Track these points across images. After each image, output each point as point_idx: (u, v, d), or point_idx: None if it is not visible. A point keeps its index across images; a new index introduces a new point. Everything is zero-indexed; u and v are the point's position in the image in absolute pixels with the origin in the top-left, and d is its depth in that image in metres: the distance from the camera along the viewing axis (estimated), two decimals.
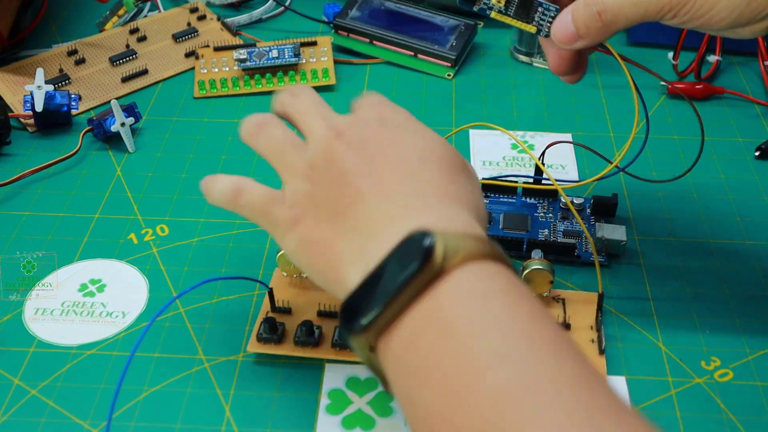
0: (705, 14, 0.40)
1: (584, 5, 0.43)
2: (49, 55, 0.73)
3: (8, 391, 0.47)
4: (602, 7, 0.42)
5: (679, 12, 0.41)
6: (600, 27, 0.43)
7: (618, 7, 0.42)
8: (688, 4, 0.40)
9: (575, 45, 0.44)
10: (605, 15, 0.42)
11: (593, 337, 0.48)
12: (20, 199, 0.61)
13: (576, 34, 0.44)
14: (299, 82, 0.72)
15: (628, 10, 0.42)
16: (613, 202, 0.57)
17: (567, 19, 0.44)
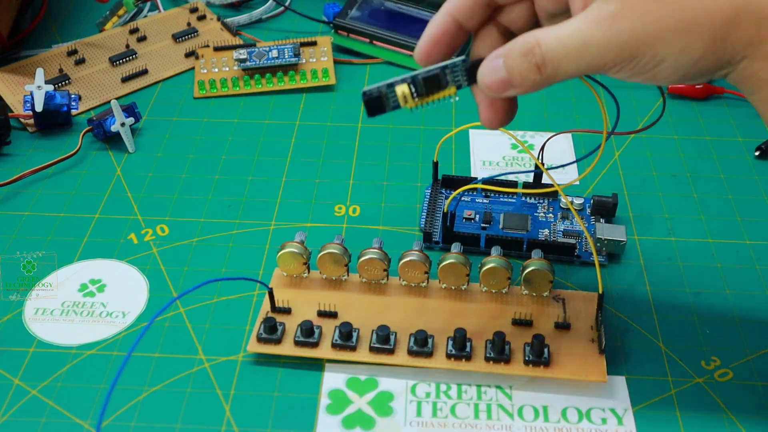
0: (650, 71, 0.38)
1: (520, 54, 0.38)
2: (49, 55, 0.73)
3: (8, 391, 0.47)
4: (542, 59, 0.38)
5: (623, 68, 0.38)
6: (537, 80, 0.39)
7: (558, 61, 0.38)
8: (633, 62, 0.37)
9: (506, 93, 0.40)
10: (545, 69, 0.38)
11: (593, 337, 0.48)
12: (20, 199, 0.61)
13: (508, 82, 0.39)
14: (299, 82, 0.72)
15: (569, 64, 0.38)
16: (613, 202, 0.57)
17: (498, 65, 0.39)
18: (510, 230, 0.56)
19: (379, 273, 0.51)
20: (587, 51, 0.37)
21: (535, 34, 0.38)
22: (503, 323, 0.49)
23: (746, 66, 0.38)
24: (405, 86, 0.40)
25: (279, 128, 0.68)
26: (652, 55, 0.37)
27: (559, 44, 0.38)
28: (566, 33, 0.38)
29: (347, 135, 0.67)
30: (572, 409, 0.46)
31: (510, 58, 0.39)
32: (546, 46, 0.38)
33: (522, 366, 0.47)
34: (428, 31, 0.42)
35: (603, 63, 0.37)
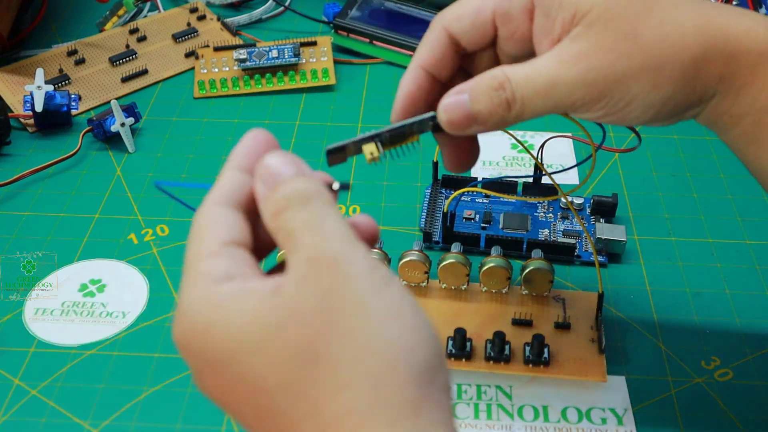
0: (620, 110, 0.37)
1: (490, 88, 0.37)
2: (49, 55, 0.73)
3: (8, 392, 0.47)
4: (512, 95, 0.36)
5: (593, 107, 0.37)
6: (505, 117, 0.37)
7: (528, 98, 0.36)
8: (603, 101, 0.36)
9: (469, 130, 0.38)
10: (514, 105, 0.37)
11: (593, 336, 0.48)
12: (20, 200, 0.61)
13: (473, 117, 0.37)
14: (299, 82, 0.72)
15: (537, 102, 0.36)
16: (613, 202, 0.57)
17: (463, 100, 0.37)
18: (510, 230, 0.56)
19: None
20: (556, 89, 0.36)
21: (504, 70, 0.37)
22: (503, 323, 0.49)
23: (717, 103, 0.38)
24: (372, 146, 0.39)
25: (279, 128, 0.68)
26: (621, 94, 0.36)
27: (528, 81, 0.36)
28: (535, 71, 0.37)
29: (347, 135, 0.67)
30: (572, 409, 0.46)
31: (477, 92, 0.37)
32: (516, 82, 0.37)
33: (522, 366, 0.47)
34: (402, 89, 0.40)
35: (572, 101, 0.36)
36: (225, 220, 0.31)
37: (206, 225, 0.31)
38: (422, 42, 0.40)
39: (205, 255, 0.30)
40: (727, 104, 0.38)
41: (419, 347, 0.27)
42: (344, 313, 0.27)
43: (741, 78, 0.37)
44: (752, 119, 0.38)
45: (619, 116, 0.37)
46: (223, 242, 0.30)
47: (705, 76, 0.37)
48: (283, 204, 0.30)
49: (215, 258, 0.30)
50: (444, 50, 0.40)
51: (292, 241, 0.29)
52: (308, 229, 0.29)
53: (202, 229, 0.31)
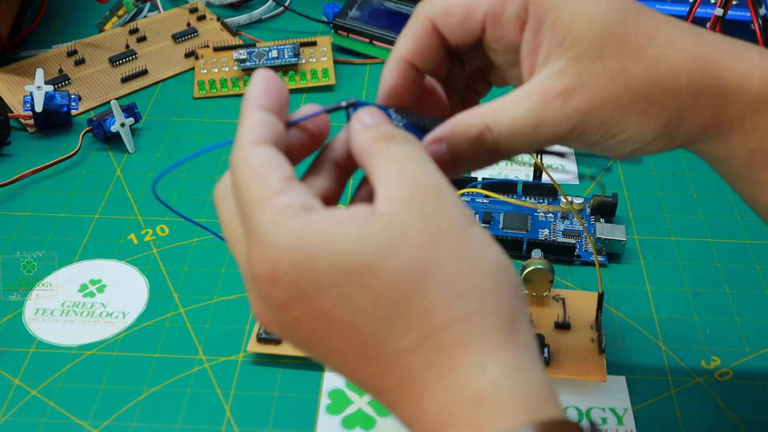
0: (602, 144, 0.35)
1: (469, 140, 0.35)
2: (49, 55, 0.73)
3: (8, 392, 0.47)
4: (494, 144, 0.35)
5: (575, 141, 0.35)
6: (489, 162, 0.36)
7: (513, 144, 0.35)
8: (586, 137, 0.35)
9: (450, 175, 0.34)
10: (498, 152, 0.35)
11: (593, 336, 0.48)
12: (20, 200, 0.61)
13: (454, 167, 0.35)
14: (299, 82, 0.72)
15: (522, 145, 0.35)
16: (613, 202, 0.57)
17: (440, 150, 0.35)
18: (510, 230, 0.56)
19: None
20: (541, 132, 0.35)
21: (482, 116, 0.35)
22: None
23: (699, 148, 0.37)
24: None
25: None
26: (605, 132, 0.35)
27: (510, 125, 0.35)
28: (516, 114, 0.35)
29: None
30: (572, 409, 0.46)
31: (455, 142, 0.35)
32: (497, 130, 0.35)
33: None
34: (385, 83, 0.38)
35: (556, 139, 0.35)
36: (276, 158, 0.31)
37: (260, 164, 0.31)
38: (405, 30, 0.38)
39: (276, 191, 0.30)
40: (713, 146, 0.37)
41: (511, 268, 0.31)
42: (450, 235, 0.29)
43: (728, 125, 0.36)
44: (743, 160, 0.37)
45: (600, 149, 0.36)
46: (285, 178, 0.31)
47: (690, 124, 0.35)
48: (388, 134, 0.32)
49: (287, 192, 0.30)
50: (429, 41, 0.38)
51: (395, 168, 0.31)
52: (412, 161, 0.31)
53: (257, 169, 0.31)
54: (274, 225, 0.30)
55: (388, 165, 0.31)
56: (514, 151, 0.36)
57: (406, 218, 0.29)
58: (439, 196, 0.30)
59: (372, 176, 0.32)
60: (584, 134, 0.35)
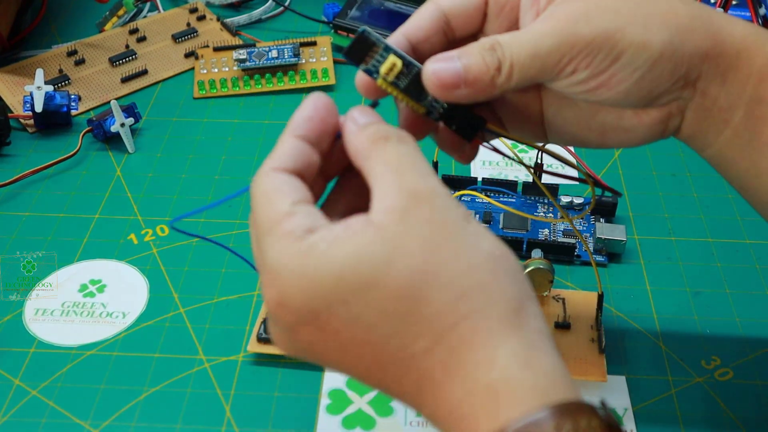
0: (606, 71, 0.36)
1: (480, 48, 0.36)
2: (49, 55, 0.73)
3: (8, 392, 0.47)
4: (503, 55, 0.36)
5: (579, 66, 0.36)
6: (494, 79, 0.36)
7: (517, 56, 0.36)
8: (588, 58, 0.36)
9: (456, 93, 0.36)
10: (505, 65, 0.36)
11: (593, 336, 0.48)
12: (20, 200, 0.61)
13: (463, 78, 0.36)
14: (299, 82, 0.72)
15: (525, 61, 0.36)
16: (613, 202, 0.57)
17: (452, 57, 0.36)
18: (510, 230, 0.56)
19: None
20: (543, 43, 0.36)
21: (491, 36, 0.37)
22: None
23: (704, 90, 0.37)
24: (400, 62, 0.36)
25: (279, 128, 0.67)
26: (609, 48, 0.35)
27: (516, 40, 0.36)
28: (522, 32, 0.37)
29: None
30: None
31: (468, 52, 0.36)
32: (505, 43, 0.36)
33: None
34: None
35: (560, 57, 0.36)
36: (289, 184, 0.32)
37: (273, 189, 0.32)
38: (413, 14, 0.40)
39: (281, 216, 0.31)
40: (714, 91, 0.37)
41: (510, 255, 0.31)
42: (445, 237, 0.30)
43: (726, 60, 0.37)
44: (744, 112, 0.37)
45: (606, 81, 0.36)
46: (293, 202, 0.32)
47: (692, 48, 0.36)
48: (384, 134, 0.33)
49: (292, 217, 0.31)
50: (432, 25, 0.39)
51: (389, 174, 0.32)
52: (407, 164, 0.32)
53: (269, 193, 0.32)
54: (278, 251, 0.31)
55: (383, 171, 0.32)
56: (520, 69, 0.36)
57: (402, 227, 0.30)
58: (434, 199, 0.31)
59: (368, 178, 0.32)
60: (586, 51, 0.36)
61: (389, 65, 0.36)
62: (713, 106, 0.38)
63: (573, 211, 0.58)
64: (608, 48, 0.36)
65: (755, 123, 0.38)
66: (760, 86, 0.37)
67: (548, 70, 0.36)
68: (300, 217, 0.31)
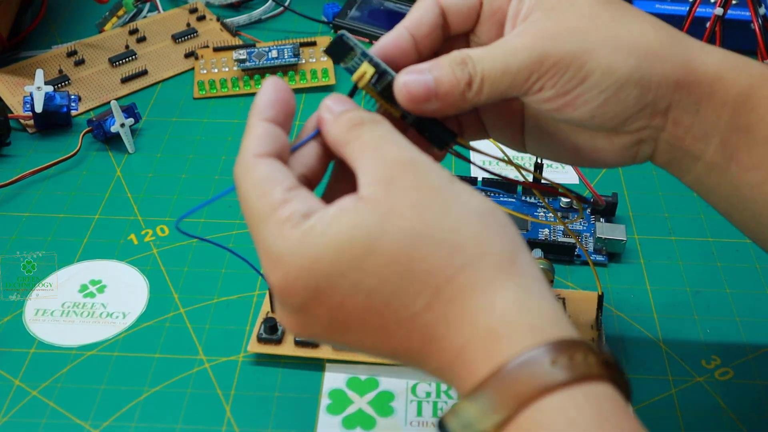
0: (574, 90, 0.36)
1: (451, 61, 0.37)
2: (49, 56, 0.73)
3: (9, 392, 0.47)
4: (473, 70, 0.36)
5: (547, 83, 0.36)
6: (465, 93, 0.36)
7: (488, 71, 0.36)
8: (556, 76, 0.36)
9: (427, 105, 0.37)
10: (475, 80, 0.36)
11: (593, 336, 0.48)
12: (20, 200, 0.61)
13: (434, 91, 0.36)
14: (299, 82, 0.72)
15: (495, 75, 0.36)
16: (613, 202, 0.57)
17: (422, 70, 0.37)
18: None
19: None
20: (515, 60, 0.36)
21: (462, 50, 0.37)
22: None
23: (677, 118, 0.37)
24: (372, 70, 0.38)
25: None
26: (576, 69, 0.36)
27: (487, 55, 0.37)
28: (493, 48, 0.37)
29: None
30: None
31: (439, 65, 0.37)
32: (476, 57, 0.37)
33: None
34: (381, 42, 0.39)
35: (529, 73, 0.36)
36: (278, 170, 0.33)
37: (264, 177, 0.33)
38: (413, 8, 0.40)
39: (277, 204, 0.32)
40: (687, 120, 0.37)
41: (498, 210, 0.33)
42: (433, 197, 0.31)
43: (699, 89, 0.37)
44: (720, 140, 0.37)
45: (572, 100, 0.37)
46: (287, 188, 0.32)
47: (660, 74, 0.36)
48: (358, 120, 0.34)
49: (288, 204, 0.32)
50: (431, 19, 0.39)
51: (370, 153, 0.33)
52: (385, 140, 0.33)
53: (261, 183, 0.33)
54: (278, 237, 0.32)
55: (363, 151, 0.33)
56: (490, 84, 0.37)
57: (390, 195, 0.31)
58: (416, 165, 0.32)
59: (351, 163, 0.34)
60: (554, 69, 0.36)
61: (360, 73, 0.38)
62: (686, 135, 0.38)
63: (573, 211, 0.58)
64: (575, 69, 0.36)
65: (732, 151, 0.38)
66: (736, 114, 0.37)
67: (517, 86, 0.37)
68: (296, 203, 0.32)
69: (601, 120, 0.37)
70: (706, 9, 0.72)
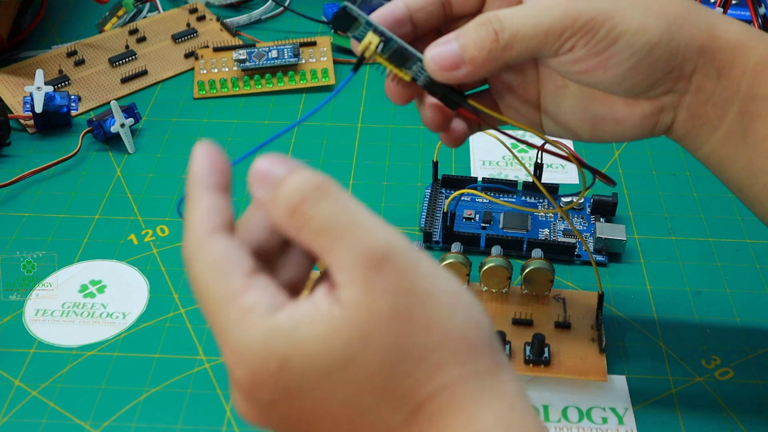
0: (604, 51, 0.36)
1: (476, 25, 0.37)
2: (49, 56, 0.73)
3: (9, 393, 0.47)
4: (500, 25, 0.36)
5: (578, 43, 0.36)
6: (492, 50, 0.36)
7: (517, 27, 0.36)
8: (588, 34, 0.36)
9: (457, 72, 0.37)
10: (503, 35, 0.36)
11: (593, 336, 0.48)
12: (20, 200, 0.61)
13: (461, 57, 0.37)
14: (299, 82, 0.72)
15: (527, 31, 0.36)
16: (613, 202, 0.57)
17: (449, 39, 0.37)
18: (510, 230, 0.56)
19: None
20: (546, 17, 0.36)
21: (489, 12, 0.37)
22: (503, 323, 0.49)
23: (700, 85, 0.38)
24: (377, 39, 0.38)
25: (279, 128, 0.68)
26: (609, 28, 0.36)
27: (517, 14, 0.37)
28: (524, 6, 0.37)
29: (347, 135, 0.67)
30: (573, 409, 0.46)
31: (464, 31, 0.37)
32: (504, 16, 0.37)
33: (522, 365, 0.47)
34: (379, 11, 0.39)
35: (561, 31, 0.36)
36: (236, 250, 0.29)
37: (220, 259, 0.29)
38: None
39: (237, 291, 0.29)
40: (709, 86, 0.38)
41: (483, 320, 0.30)
42: (418, 307, 0.28)
43: (722, 55, 0.38)
44: (738, 108, 0.38)
45: (603, 62, 0.37)
46: (247, 273, 0.29)
47: (688, 37, 0.37)
48: (297, 198, 0.29)
49: (250, 291, 0.29)
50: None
51: (329, 240, 0.28)
52: (342, 224, 0.28)
53: (217, 265, 0.29)
54: (243, 329, 0.28)
55: (322, 239, 0.28)
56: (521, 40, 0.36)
57: (371, 302, 0.28)
58: (395, 261, 0.28)
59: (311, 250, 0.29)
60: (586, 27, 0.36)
61: (366, 43, 0.38)
62: (707, 102, 0.38)
63: (573, 211, 0.58)
64: (608, 28, 0.36)
65: (749, 120, 0.38)
66: (755, 83, 0.38)
67: (549, 44, 0.37)
68: (259, 292, 0.29)
69: (630, 83, 0.37)
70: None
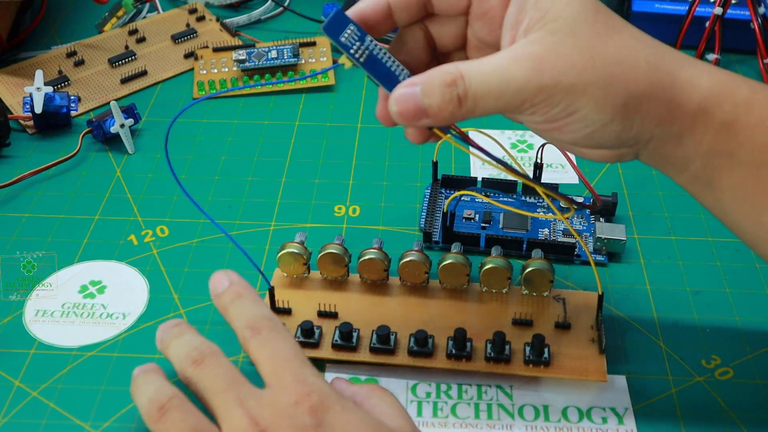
0: (561, 120, 0.38)
1: (443, 84, 0.37)
2: (49, 56, 0.73)
3: (9, 393, 0.47)
4: (464, 92, 0.37)
5: (537, 111, 0.37)
6: (455, 113, 0.38)
7: (481, 95, 0.37)
8: (548, 107, 0.37)
9: (419, 123, 0.38)
10: (465, 102, 0.37)
11: (593, 336, 0.48)
12: (20, 201, 0.61)
13: (423, 111, 0.38)
14: (299, 82, 0.72)
15: (489, 100, 0.37)
16: (613, 201, 0.57)
17: (414, 92, 0.38)
18: (510, 230, 0.56)
19: (379, 273, 0.51)
20: (508, 88, 0.37)
21: (458, 66, 0.38)
22: (503, 323, 0.49)
23: (657, 147, 0.39)
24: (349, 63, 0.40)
25: (278, 129, 0.68)
26: (566, 105, 0.37)
27: (482, 77, 0.37)
28: (489, 68, 0.37)
29: (347, 135, 0.67)
30: (573, 409, 0.46)
31: (430, 86, 0.38)
32: (469, 78, 0.37)
33: (522, 366, 0.47)
34: (359, 5, 0.40)
35: (521, 101, 0.37)
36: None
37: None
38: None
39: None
40: (669, 149, 0.39)
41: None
42: None
43: (680, 125, 0.38)
44: (701, 163, 0.39)
45: (558, 126, 0.38)
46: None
47: (645, 114, 0.38)
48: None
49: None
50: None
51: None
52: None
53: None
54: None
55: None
56: (482, 107, 0.38)
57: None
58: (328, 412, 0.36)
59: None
60: (547, 102, 0.37)
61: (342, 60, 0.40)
62: (667, 159, 0.40)
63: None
64: (564, 105, 0.37)
65: (712, 171, 0.39)
66: (716, 142, 0.38)
67: (510, 108, 0.38)
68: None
69: (585, 144, 0.39)
70: (706, 8, 0.72)
